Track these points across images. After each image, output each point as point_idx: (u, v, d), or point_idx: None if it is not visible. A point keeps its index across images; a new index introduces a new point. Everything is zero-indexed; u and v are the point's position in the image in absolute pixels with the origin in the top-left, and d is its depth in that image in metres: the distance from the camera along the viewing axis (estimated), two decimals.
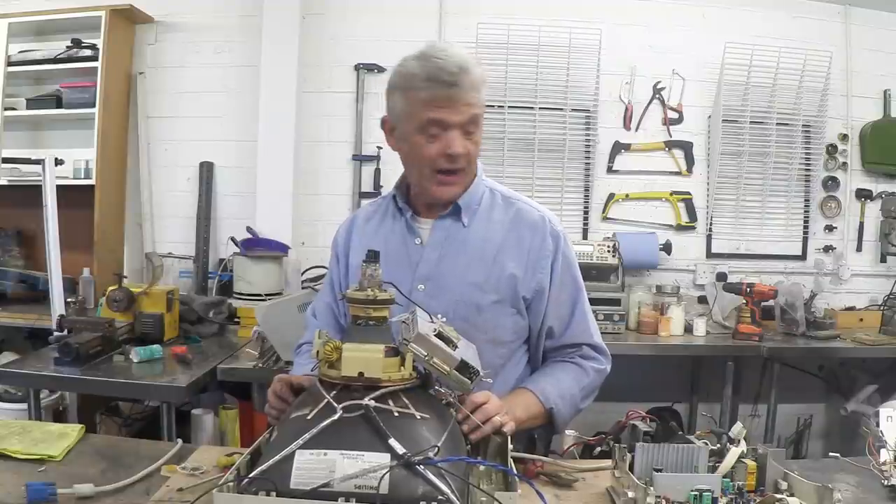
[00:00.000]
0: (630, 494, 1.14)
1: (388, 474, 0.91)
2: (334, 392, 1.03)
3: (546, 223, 1.57)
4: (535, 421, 1.50)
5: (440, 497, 0.90)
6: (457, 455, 1.03)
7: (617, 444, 1.24)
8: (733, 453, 1.20)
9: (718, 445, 1.24)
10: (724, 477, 1.18)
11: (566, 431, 1.69)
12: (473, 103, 1.43)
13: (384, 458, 0.93)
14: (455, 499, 0.91)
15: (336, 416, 0.98)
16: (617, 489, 1.24)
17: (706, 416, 1.51)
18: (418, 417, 1.02)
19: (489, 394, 1.31)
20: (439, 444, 0.98)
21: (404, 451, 0.93)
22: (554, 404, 1.49)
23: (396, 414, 1.01)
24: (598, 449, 1.64)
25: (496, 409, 1.28)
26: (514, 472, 1.08)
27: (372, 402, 1.00)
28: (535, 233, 1.55)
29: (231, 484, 0.95)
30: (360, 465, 0.91)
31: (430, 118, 1.42)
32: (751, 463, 1.20)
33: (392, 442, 0.94)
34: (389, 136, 1.55)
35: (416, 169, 1.51)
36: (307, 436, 0.95)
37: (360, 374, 1.04)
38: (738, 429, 1.23)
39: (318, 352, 1.09)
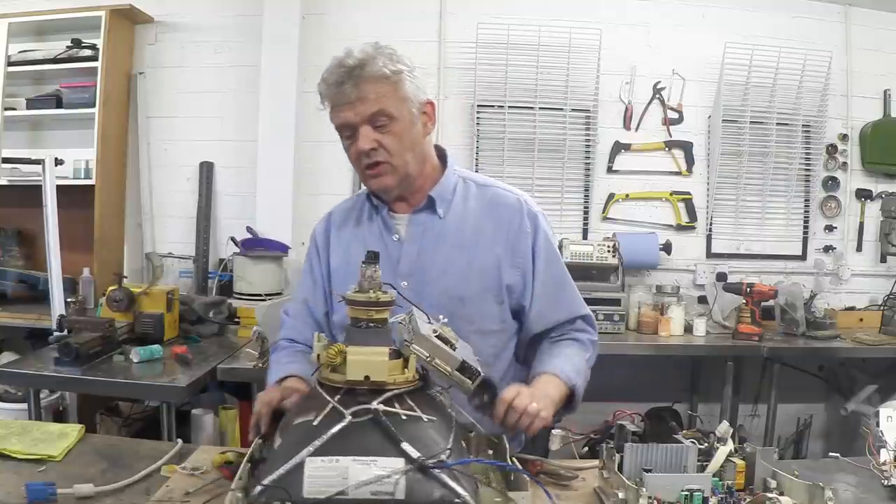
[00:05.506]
0: (620, 495, 1.13)
1: (403, 479, 0.89)
2: (338, 396, 1.02)
3: (523, 204, 1.57)
4: (562, 402, 1.44)
5: (457, 500, 0.89)
6: (464, 456, 1.03)
7: (604, 444, 1.24)
8: (721, 452, 1.20)
9: (706, 445, 1.24)
10: (714, 476, 1.18)
11: (553, 430, 1.69)
12: (368, 98, 1.41)
13: (397, 463, 0.91)
14: (472, 501, 0.90)
15: (345, 422, 0.96)
16: (605, 489, 1.23)
17: (694, 416, 1.50)
18: (425, 420, 1.01)
19: (517, 387, 1.31)
20: (449, 446, 0.97)
21: (418, 454, 0.92)
22: (575, 382, 1.46)
23: (404, 417, 0.99)
24: (585, 448, 1.64)
25: (529, 398, 1.28)
26: (524, 470, 1.08)
27: (381, 407, 0.99)
28: (512, 214, 1.56)
29: (240, 495, 0.93)
30: (374, 471, 0.90)
31: (338, 124, 1.46)
32: (739, 462, 1.20)
33: (405, 446, 0.93)
34: None
35: (355, 170, 1.54)
36: (318, 442, 0.93)
37: (366, 377, 1.03)
38: (724, 428, 1.23)
39: (318, 356, 1.08)
